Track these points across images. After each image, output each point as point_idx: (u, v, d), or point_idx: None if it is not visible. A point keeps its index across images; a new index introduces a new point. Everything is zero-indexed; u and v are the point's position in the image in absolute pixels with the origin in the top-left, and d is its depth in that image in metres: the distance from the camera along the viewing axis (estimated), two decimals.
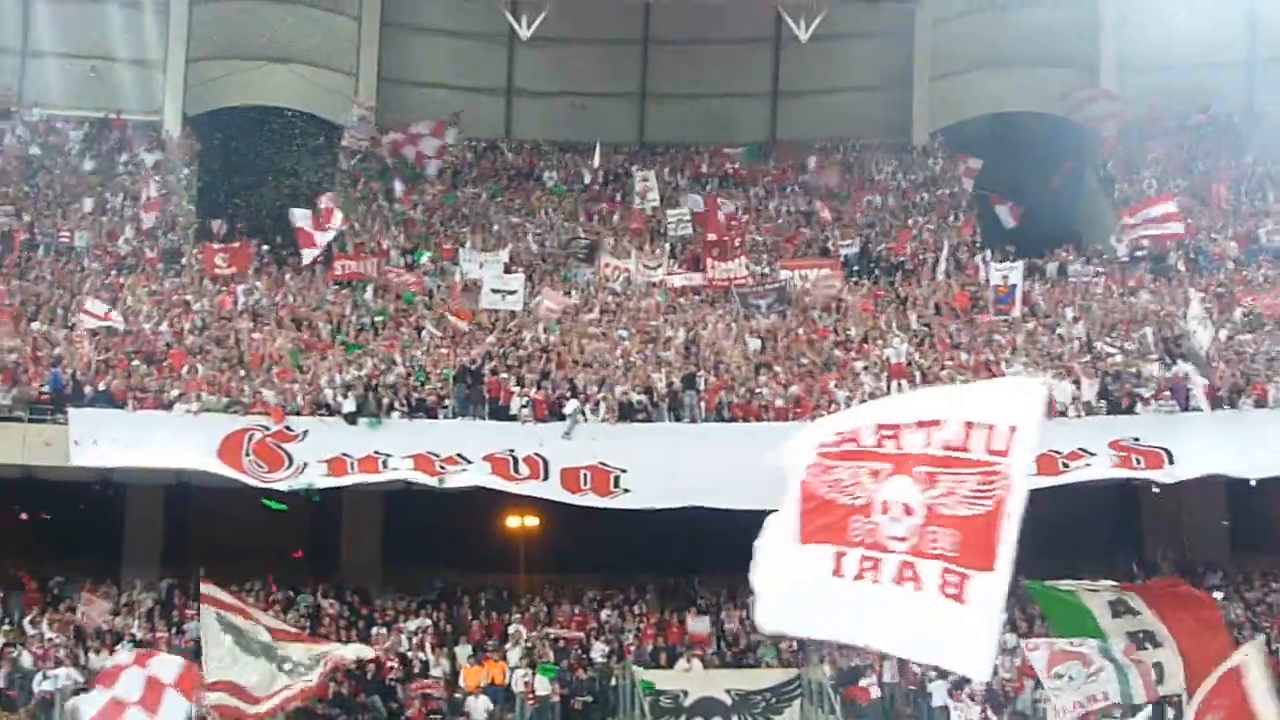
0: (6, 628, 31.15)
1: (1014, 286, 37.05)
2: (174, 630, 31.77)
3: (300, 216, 38.94)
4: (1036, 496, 27.05)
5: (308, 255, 38.74)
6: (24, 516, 33.14)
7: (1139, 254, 39.88)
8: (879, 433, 10.04)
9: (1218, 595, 32.49)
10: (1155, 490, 32.24)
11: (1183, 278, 38.26)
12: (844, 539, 9.72)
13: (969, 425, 9.68)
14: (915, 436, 9.85)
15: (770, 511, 10.49)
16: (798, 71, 45.95)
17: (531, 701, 30.80)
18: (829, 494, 9.92)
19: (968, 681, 30.24)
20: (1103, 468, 31.44)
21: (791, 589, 9.91)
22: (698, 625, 32.93)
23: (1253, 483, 30.89)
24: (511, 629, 32.74)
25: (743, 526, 10.89)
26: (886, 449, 9.95)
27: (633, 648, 32.14)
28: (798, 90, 46.90)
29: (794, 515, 10.04)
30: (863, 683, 30.76)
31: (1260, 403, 32.14)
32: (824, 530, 9.86)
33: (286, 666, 25.97)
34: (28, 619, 31.40)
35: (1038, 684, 27.90)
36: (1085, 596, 21.76)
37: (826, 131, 47.00)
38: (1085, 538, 33.06)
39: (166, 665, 24.66)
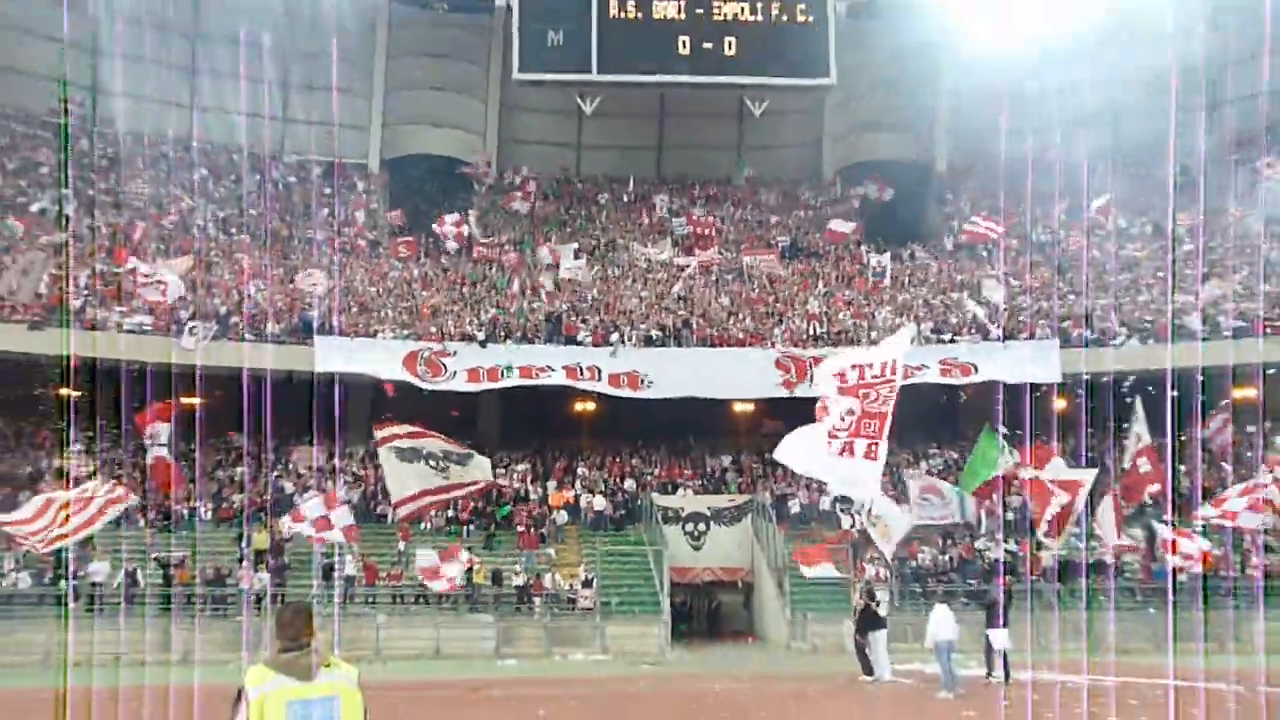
0: (277, 470, 31.81)
1: (885, 267, 37.29)
2: (376, 469, 32.37)
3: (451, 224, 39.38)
4: (903, 397, 27.22)
5: (452, 247, 39.15)
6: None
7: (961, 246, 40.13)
8: (834, 380, 11.39)
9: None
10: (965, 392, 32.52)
11: (984, 261, 38.40)
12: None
13: (883, 364, 10.97)
14: (853, 373, 11.10)
15: (732, 400, 11.70)
16: (754, 133, 45.84)
17: (591, 514, 31.41)
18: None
19: (850, 501, 30.60)
20: (933, 375, 31.75)
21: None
22: (691, 468, 33.48)
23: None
24: (579, 470, 33.27)
25: (719, 407, 11.46)
26: (836, 390, 11.31)
27: (650, 481, 32.66)
28: (755, 145, 46.82)
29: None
30: (790, 503, 31.18)
31: (1030, 337, 32.37)
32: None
33: (433, 462, 25.55)
34: (291, 462, 32.11)
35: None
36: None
37: (772, 170, 46.93)
38: (923, 422, 33.39)
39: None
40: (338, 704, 4.87)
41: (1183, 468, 31.84)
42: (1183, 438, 33.05)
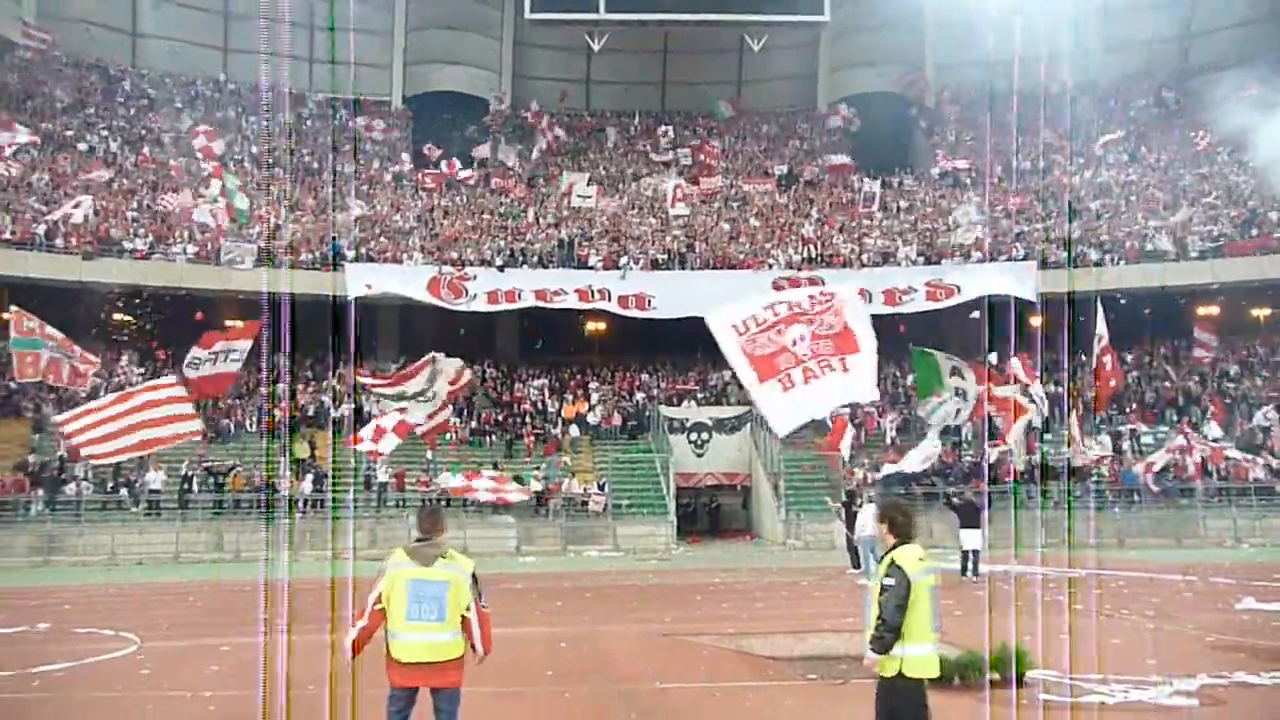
0: (314, 385, 31.98)
1: (874, 194, 36.90)
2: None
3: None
4: (891, 316, 26.87)
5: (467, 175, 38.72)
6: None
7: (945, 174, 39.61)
8: (768, 309, 10.78)
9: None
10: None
11: (967, 188, 37.98)
12: (776, 371, 10.34)
13: (805, 299, 10.50)
14: (782, 307, 10.56)
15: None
16: (753, 68, 45.20)
17: (605, 424, 31.64)
18: (759, 352, 10.58)
19: (847, 405, 30.47)
20: (920, 299, 31.54)
21: (772, 407, 10.56)
22: (695, 382, 33.57)
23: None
24: (591, 385, 33.45)
25: None
26: (779, 315, 10.69)
27: (657, 394, 32.82)
28: (753, 79, 46.21)
29: (748, 369, 10.55)
30: None
31: (1010, 258, 32.16)
32: (767, 371, 10.47)
33: (421, 399, 25.33)
34: (327, 380, 32.23)
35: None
36: (939, 358, 22.65)
37: (770, 103, 46.32)
38: (913, 337, 33.26)
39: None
40: (446, 588, 5.74)
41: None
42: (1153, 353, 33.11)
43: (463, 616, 5.78)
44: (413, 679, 5.81)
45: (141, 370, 31.14)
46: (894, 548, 5.77)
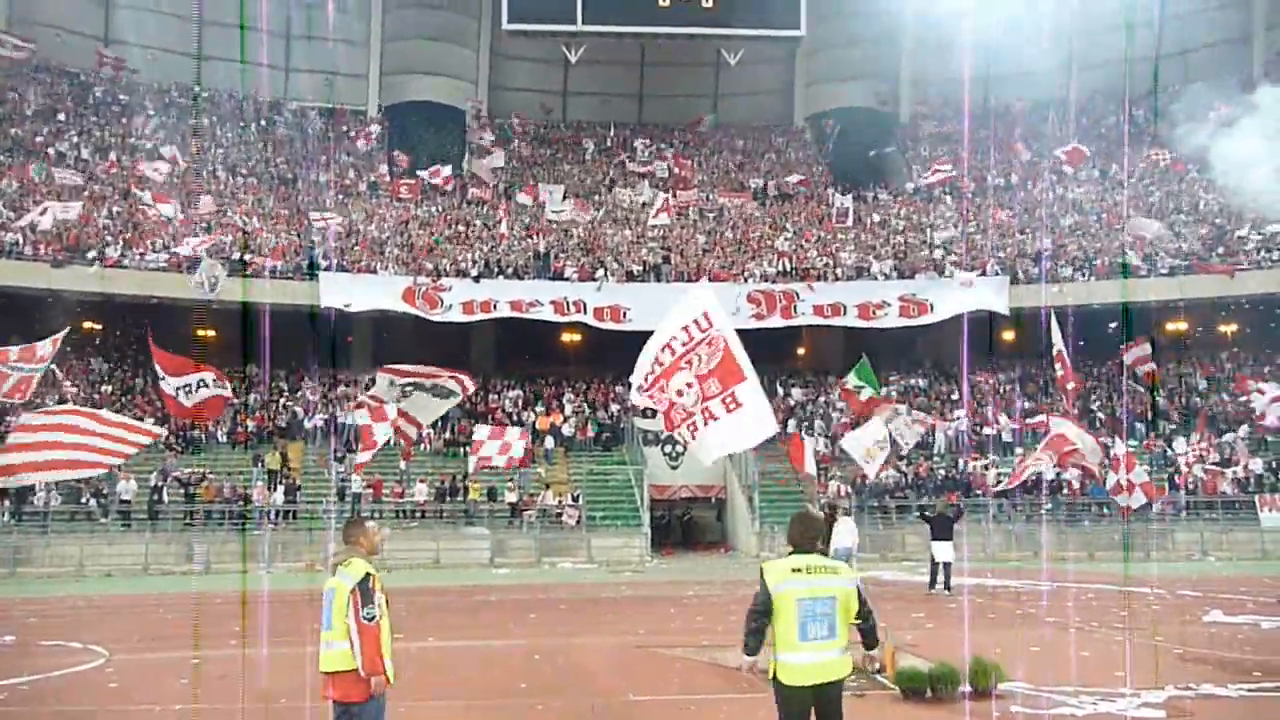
0: (287, 396, 31.77)
1: (849, 208, 37.12)
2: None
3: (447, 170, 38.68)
4: (865, 330, 27.19)
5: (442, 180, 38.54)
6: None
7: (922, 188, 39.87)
8: (655, 364, 10.48)
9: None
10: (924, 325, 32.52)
11: (941, 202, 38.28)
12: (675, 424, 10.11)
13: (685, 328, 10.08)
14: (665, 354, 10.17)
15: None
16: (729, 82, 45.45)
17: (580, 436, 31.58)
18: (661, 403, 10.36)
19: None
20: (894, 315, 31.79)
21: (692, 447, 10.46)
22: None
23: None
24: (566, 396, 33.38)
25: None
26: (663, 365, 10.32)
27: (632, 406, 32.79)
28: (730, 93, 46.46)
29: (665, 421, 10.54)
30: None
31: (982, 273, 32.45)
32: (669, 424, 10.31)
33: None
34: (301, 391, 32.02)
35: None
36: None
37: (746, 117, 46.56)
38: (889, 350, 33.49)
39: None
40: (333, 595, 5.93)
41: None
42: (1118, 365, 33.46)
43: (346, 625, 5.80)
44: (325, 689, 5.86)
45: (110, 381, 30.85)
46: (790, 554, 5.80)
